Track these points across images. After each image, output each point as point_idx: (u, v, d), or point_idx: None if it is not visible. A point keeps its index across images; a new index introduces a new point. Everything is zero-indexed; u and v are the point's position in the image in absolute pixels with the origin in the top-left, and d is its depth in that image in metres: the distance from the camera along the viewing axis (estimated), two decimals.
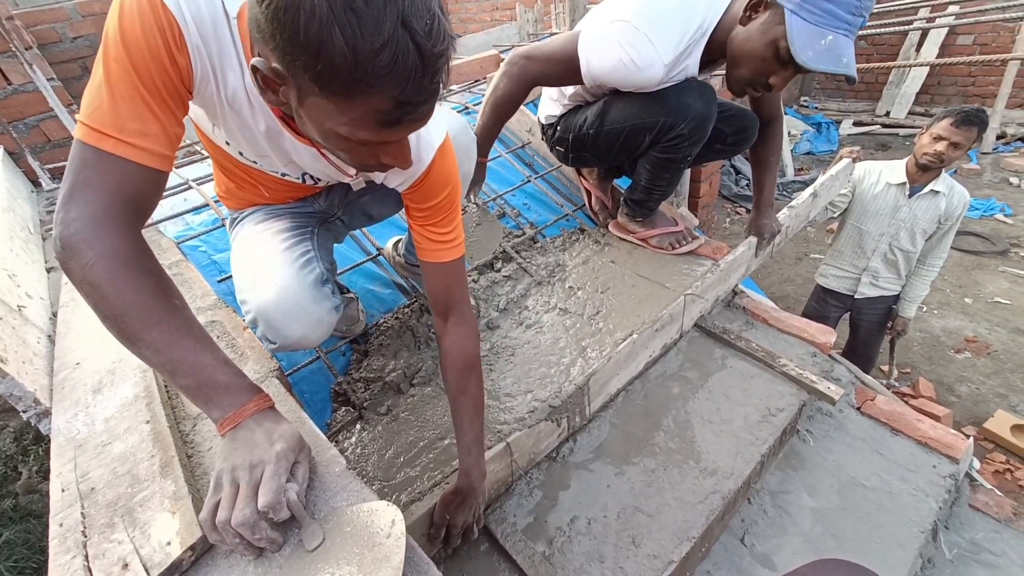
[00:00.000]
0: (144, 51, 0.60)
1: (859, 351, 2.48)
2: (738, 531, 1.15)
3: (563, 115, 1.53)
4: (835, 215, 2.26)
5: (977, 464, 1.42)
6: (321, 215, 1.13)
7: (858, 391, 1.45)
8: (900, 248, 2.15)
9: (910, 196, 2.06)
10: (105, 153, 0.60)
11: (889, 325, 2.40)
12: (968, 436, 1.32)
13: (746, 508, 1.19)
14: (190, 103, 0.71)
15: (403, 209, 1.02)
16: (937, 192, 2.03)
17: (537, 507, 1.09)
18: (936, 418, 1.62)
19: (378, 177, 0.93)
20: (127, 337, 0.61)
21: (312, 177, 0.96)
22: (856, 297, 2.34)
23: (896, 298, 2.31)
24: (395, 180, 0.89)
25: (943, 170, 2.02)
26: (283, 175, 0.95)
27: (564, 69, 1.27)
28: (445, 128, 0.88)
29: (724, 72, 1.27)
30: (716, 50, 1.23)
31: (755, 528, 1.16)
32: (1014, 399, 2.63)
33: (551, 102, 1.55)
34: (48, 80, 2.11)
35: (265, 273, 0.94)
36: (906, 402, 1.53)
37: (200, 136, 0.92)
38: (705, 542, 1.08)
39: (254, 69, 0.57)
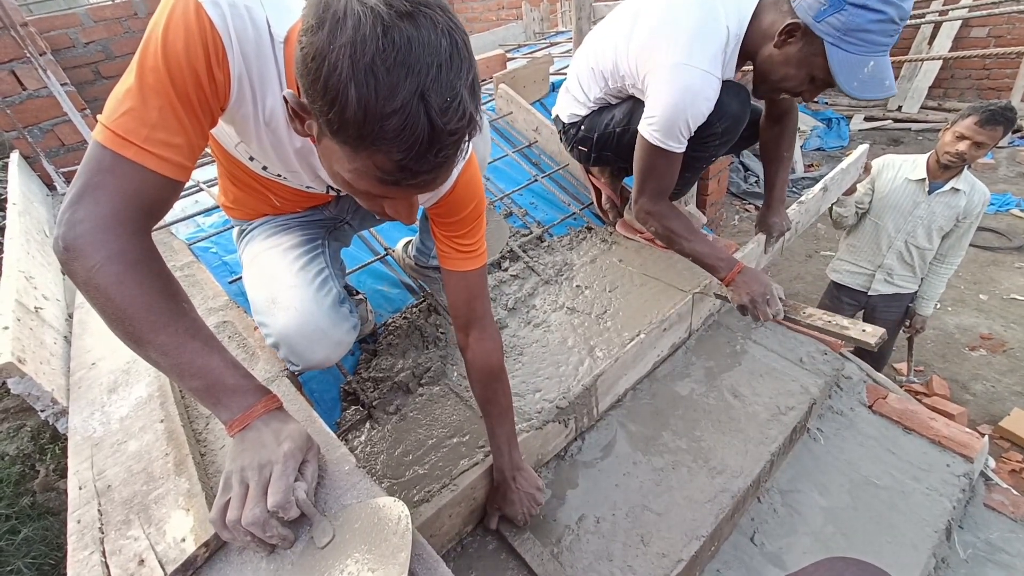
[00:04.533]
0: (183, 64, 0.60)
1: (873, 356, 2.45)
2: (748, 530, 1.15)
3: (588, 115, 1.53)
4: (857, 216, 2.21)
5: (992, 463, 1.40)
6: (331, 222, 1.14)
7: (870, 389, 1.44)
8: (916, 246, 2.09)
9: (930, 193, 2.00)
10: (124, 159, 0.60)
11: (907, 323, 2.35)
12: (983, 435, 1.30)
13: (756, 507, 1.19)
14: (220, 120, 0.71)
15: None
16: (958, 190, 1.96)
17: (546, 506, 1.09)
18: (951, 416, 1.59)
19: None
20: (134, 340, 0.61)
21: (334, 188, 0.98)
22: (870, 294, 2.29)
23: (912, 296, 2.26)
24: (422, 198, 0.88)
25: (965, 169, 1.96)
26: (307, 187, 0.96)
27: (667, 165, 1.26)
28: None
29: (750, 69, 1.26)
30: (744, 56, 1.23)
31: (765, 527, 1.15)
32: None
33: (576, 103, 1.55)
34: (62, 85, 2.15)
35: (283, 296, 0.95)
36: (920, 400, 1.51)
37: (214, 148, 0.92)
38: (715, 541, 1.08)
39: (285, 100, 0.58)
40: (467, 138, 0.56)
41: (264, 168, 0.87)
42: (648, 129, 1.21)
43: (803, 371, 1.37)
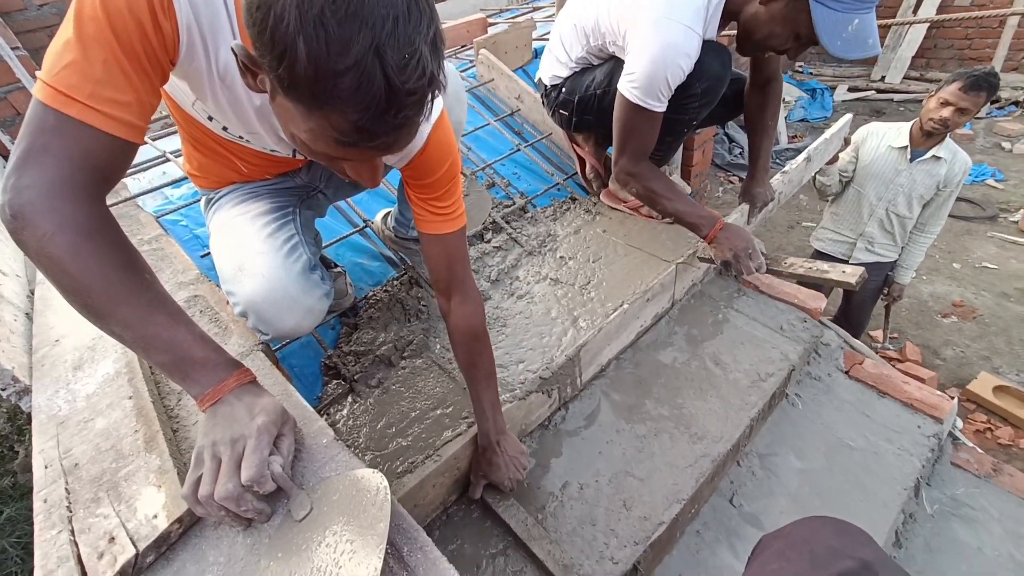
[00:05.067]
0: (124, 12, 0.55)
1: (851, 318, 2.49)
2: (727, 492, 1.18)
3: (569, 76, 1.48)
4: (841, 184, 2.22)
5: (960, 423, 1.45)
6: (303, 190, 1.09)
7: (847, 355, 1.47)
8: (897, 214, 2.11)
9: (911, 161, 2.01)
10: (70, 118, 0.55)
11: (885, 291, 2.39)
12: (952, 397, 1.34)
13: (735, 470, 1.22)
14: (172, 75, 0.66)
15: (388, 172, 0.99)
16: (939, 159, 1.97)
17: (529, 474, 1.10)
18: (921, 381, 1.64)
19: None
20: (94, 313, 0.58)
21: (302, 153, 0.92)
22: (851, 263, 2.30)
23: (891, 265, 2.30)
24: (391, 159, 0.85)
25: (947, 135, 1.96)
26: (272, 151, 0.91)
27: (647, 124, 1.23)
28: (440, 98, 0.84)
29: (734, 33, 1.23)
30: (727, 16, 1.21)
31: (743, 489, 1.18)
32: (997, 361, 2.69)
33: (558, 63, 1.50)
34: (13, 49, 2.01)
35: (250, 263, 0.91)
36: (893, 366, 1.55)
37: (172, 109, 0.86)
38: (695, 504, 1.10)
39: (233, 52, 0.53)
40: (429, 98, 0.52)
41: (224, 129, 0.82)
42: (628, 87, 1.18)
43: (783, 338, 1.39)
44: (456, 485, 1.04)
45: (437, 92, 0.53)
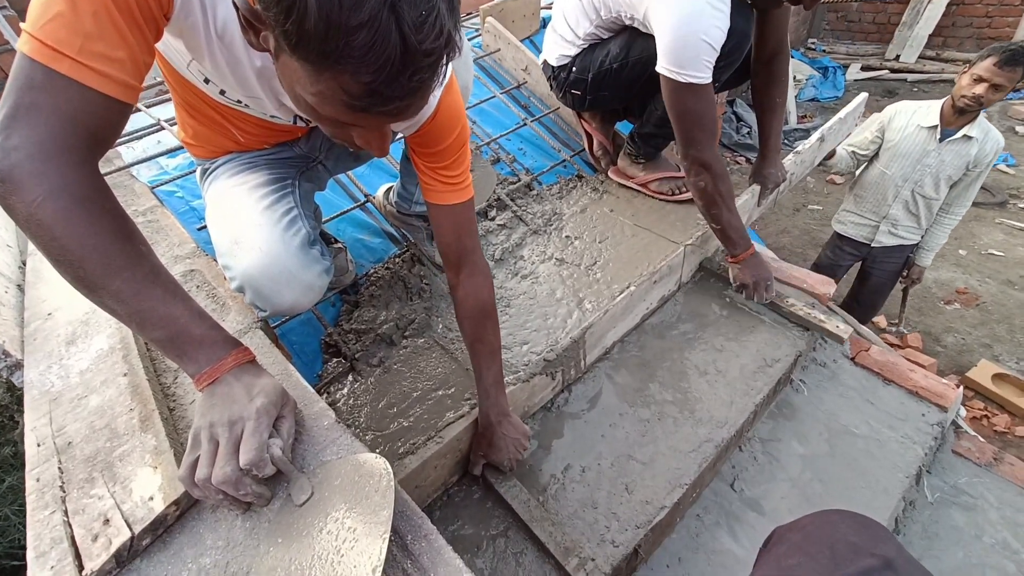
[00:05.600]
0: None
1: (864, 300, 2.44)
2: (728, 477, 1.17)
3: (578, 54, 1.41)
4: (856, 162, 2.16)
5: (963, 412, 1.44)
6: (302, 161, 1.05)
7: (853, 342, 1.45)
8: (923, 195, 2.04)
9: (941, 140, 1.93)
10: (59, 75, 0.51)
11: (904, 274, 2.34)
12: (959, 386, 1.33)
13: (737, 455, 1.21)
14: (165, 32, 0.62)
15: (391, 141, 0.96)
16: (970, 138, 1.89)
17: (532, 456, 1.10)
18: (922, 367, 1.63)
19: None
20: (86, 285, 0.55)
21: (303, 119, 0.88)
22: (873, 246, 2.25)
23: (913, 247, 2.25)
24: (399, 125, 0.80)
25: (980, 113, 1.89)
26: (272, 117, 0.86)
27: (704, 101, 1.15)
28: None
29: None
30: None
31: (745, 474, 1.18)
32: (998, 349, 2.68)
33: (563, 43, 1.43)
34: (0, 9, 1.93)
35: (247, 235, 0.87)
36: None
37: (165, 71, 0.81)
38: (696, 488, 1.10)
39: (234, 5, 0.50)
40: (444, 60, 0.48)
41: (222, 93, 0.78)
42: (670, 68, 1.11)
43: (791, 323, 1.37)
44: (457, 466, 1.04)
45: (454, 54, 0.49)
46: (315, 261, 0.93)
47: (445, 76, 0.52)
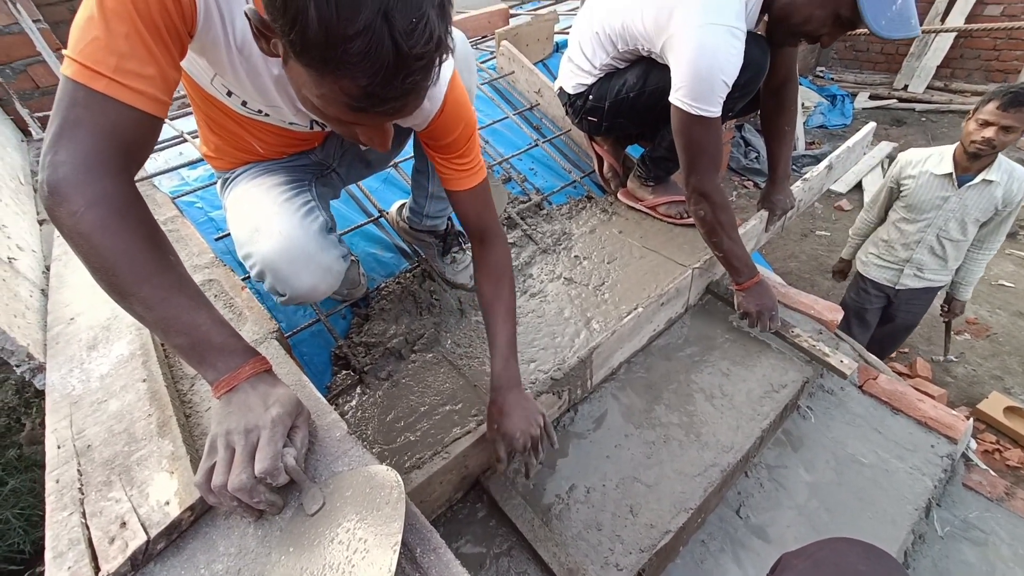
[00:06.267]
0: None
1: (885, 342, 2.38)
2: (734, 503, 1.17)
3: (595, 83, 1.45)
4: (879, 217, 2.16)
5: (974, 444, 1.43)
6: (317, 168, 1.10)
7: (861, 370, 1.45)
8: (949, 239, 1.98)
9: (959, 186, 1.87)
10: (98, 93, 0.56)
11: (945, 308, 2.29)
12: (968, 417, 1.32)
13: (743, 481, 1.20)
14: (189, 50, 0.67)
15: (401, 150, 1.10)
16: (990, 182, 1.83)
17: (537, 475, 1.10)
18: (931, 398, 1.61)
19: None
20: (117, 291, 0.58)
21: (319, 123, 0.94)
22: (898, 288, 2.17)
23: (938, 290, 2.17)
24: (410, 121, 0.86)
25: (998, 155, 1.82)
26: (291, 124, 0.92)
27: (712, 133, 1.18)
28: (451, 60, 0.84)
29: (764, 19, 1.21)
30: (762, 8, 1.19)
31: (751, 501, 1.17)
32: (1009, 381, 2.65)
33: (581, 72, 1.47)
34: (34, 22, 2.01)
35: (266, 223, 0.91)
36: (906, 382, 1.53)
37: (190, 89, 0.87)
38: (702, 513, 1.09)
39: (247, 16, 0.54)
40: (436, 62, 0.53)
41: (244, 104, 0.83)
42: (684, 100, 1.14)
43: (797, 350, 1.37)
44: (463, 482, 1.04)
45: (445, 56, 0.54)
46: (333, 246, 0.97)
47: (439, 76, 0.57)
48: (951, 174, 1.86)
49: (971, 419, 1.33)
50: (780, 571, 0.51)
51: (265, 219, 0.92)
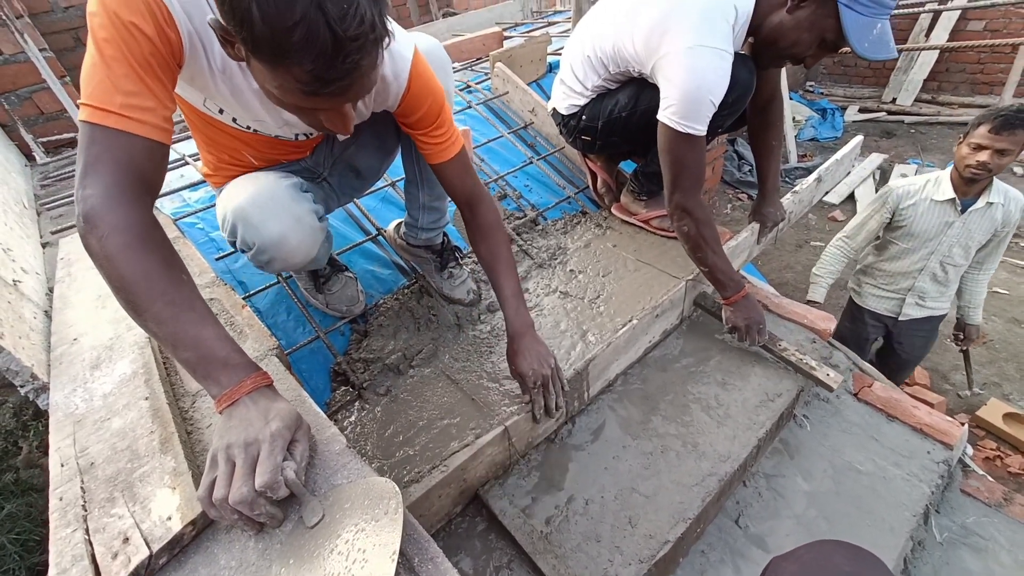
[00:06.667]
0: (134, 31, 0.63)
1: (889, 376, 2.29)
2: (733, 513, 1.17)
3: (587, 104, 1.50)
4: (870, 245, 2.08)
5: (971, 450, 1.43)
6: (308, 174, 1.14)
7: (856, 378, 1.46)
8: (952, 264, 1.92)
9: (962, 212, 1.82)
10: (110, 129, 0.63)
11: (960, 336, 2.19)
12: (963, 423, 1.33)
13: (741, 491, 1.21)
14: (180, 79, 0.75)
15: (391, 158, 1.18)
16: (992, 203, 1.80)
17: (535, 488, 1.10)
18: (930, 405, 1.61)
19: (369, 106, 0.95)
20: (134, 309, 0.63)
21: (305, 134, 1.01)
22: (900, 319, 2.08)
23: (941, 319, 2.08)
24: (382, 103, 0.94)
25: (994, 178, 1.79)
26: (277, 136, 0.99)
27: (696, 151, 1.22)
28: (412, 42, 0.93)
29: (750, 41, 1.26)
30: (749, 30, 1.24)
31: (749, 510, 1.17)
32: (1007, 388, 2.66)
33: (573, 94, 1.52)
34: (40, 50, 2.06)
35: (242, 186, 0.97)
36: (902, 389, 1.53)
37: (187, 112, 0.94)
38: (700, 523, 1.09)
39: (210, 26, 0.61)
40: (373, 43, 0.59)
41: (235, 120, 0.91)
42: (671, 117, 1.18)
43: (785, 363, 1.38)
44: (461, 496, 1.04)
45: (383, 37, 0.60)
46: (306, 201, 1.01)
47: (383, 58, 0.64)
48: (954, 199, 1.82)
49: (966, 425, 1.34)
50: (770, 574, 0.52)
51: (241, 184, 0.98)
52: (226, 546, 0.58)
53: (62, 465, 0.68)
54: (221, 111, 0.89)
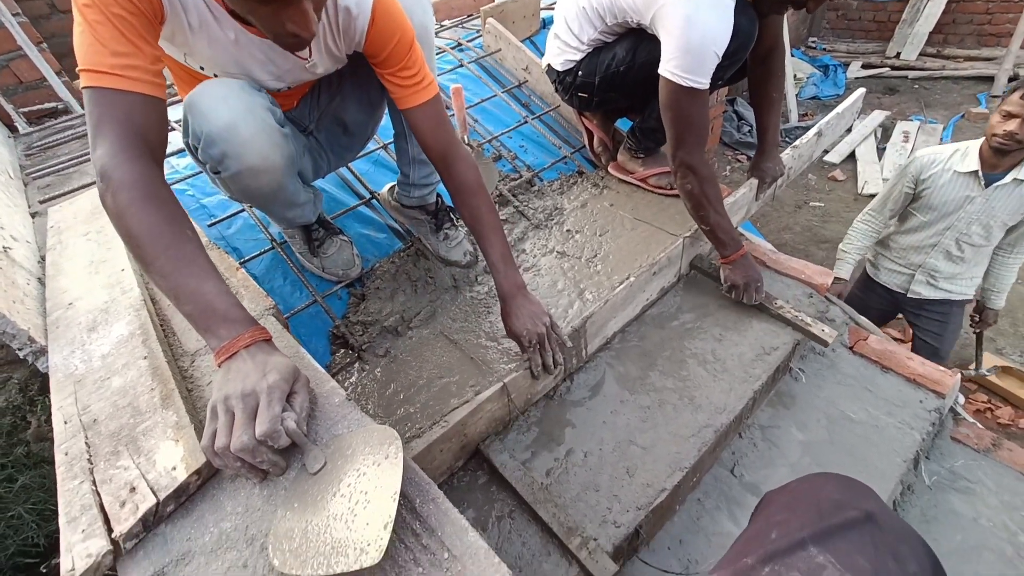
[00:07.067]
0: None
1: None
2: (728, 463, 1.20)
3: (583, 59, 1.45)
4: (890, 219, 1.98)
5: (962, 399, 1.46)
6: (295, 126, 1.12)
7: (852, 331, 1.47)
8: (970, 243, 1.79)
9: (986, 186, 1.69)
10: (106, 90, 0.66)
11: (976, 318, 2.09)
12: (956, 372, 1.35)
13: (737, 442, 1.23)
14: (162, 37, 0.78)
15: (377, 113, 1.17)
16: (1022, 181, 1.65)
17: (535, 442, 1.13)
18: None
19: (340, 44, 0.94)
20: (142, 262, 0.66)
21: (288, 85, 1.01)
22: (909, 296, 1.98)
23: (961, 303, 1.97)
24: (351, 41, 0.93)
25: None
26: (260, 89, 0.97)
27: (699, 104, 1.18)
28: None
29: None
30: None
31: (745, 460, 1.20)
32: (1001, 342, 2.69)
33: (568, 48, 1.46)
34: (13, 15, 1.98)
35: (200, 85, 0.89)
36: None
37: (173, 67, 0.94)
38: (697, 472, 1.12)
39: None
40: None
41: (215, 76, 0.91)
42: (674, 71, 1.14)
43: (781, 321, 1.39)
44: (463, 451, 1.06)
45: None
46: (262, 97, 0.91)
47: None
48: (977, 172, 1.69)
49: (959, 374, 1.36)
50: (764, 507, 0.54)
51: (200, 84, 0.89)
52: (231, 493, 0.60)
53: (65, 422, 0.68)
54: (202, 68, 0.91)
